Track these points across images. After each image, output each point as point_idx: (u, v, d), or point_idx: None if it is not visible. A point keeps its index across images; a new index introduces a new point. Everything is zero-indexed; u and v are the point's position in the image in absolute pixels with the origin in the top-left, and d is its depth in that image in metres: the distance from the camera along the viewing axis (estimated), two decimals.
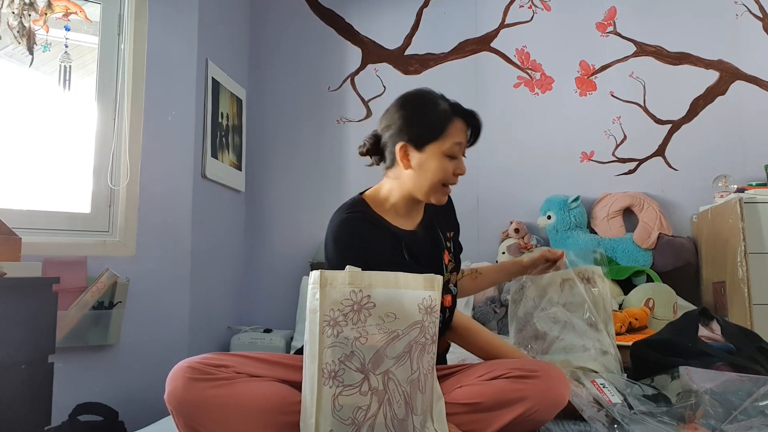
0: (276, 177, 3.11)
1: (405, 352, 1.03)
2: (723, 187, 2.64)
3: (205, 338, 2.52)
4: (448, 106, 1.30)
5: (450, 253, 1.41)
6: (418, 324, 1.04)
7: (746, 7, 2.89)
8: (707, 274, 2.64)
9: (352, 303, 1.02)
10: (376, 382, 1.00)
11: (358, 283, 1.03)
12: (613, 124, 2.95)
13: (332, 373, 0.99)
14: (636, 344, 1.60)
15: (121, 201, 2.27)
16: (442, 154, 1.27)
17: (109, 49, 2.34)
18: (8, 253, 1.68)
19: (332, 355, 1.00)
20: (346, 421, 0.98)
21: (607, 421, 1.20)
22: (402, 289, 1.06)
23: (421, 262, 1.31)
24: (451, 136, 1.27)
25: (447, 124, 1.27)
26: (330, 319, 1.01)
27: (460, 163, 1.30)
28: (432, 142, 1.27)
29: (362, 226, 1.26)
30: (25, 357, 1.58)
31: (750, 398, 1.16)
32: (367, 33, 3.14)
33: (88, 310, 2.07)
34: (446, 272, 1.36)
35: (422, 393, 1.04)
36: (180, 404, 1.08)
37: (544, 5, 3.05)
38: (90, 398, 2.02)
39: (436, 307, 1.08)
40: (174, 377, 1.11)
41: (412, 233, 1.35)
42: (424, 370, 1.05)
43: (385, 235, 1.28)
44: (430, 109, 1.28)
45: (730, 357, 1.43)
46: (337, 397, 0.99)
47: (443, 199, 1.33)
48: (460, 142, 1.28)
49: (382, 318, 1.02)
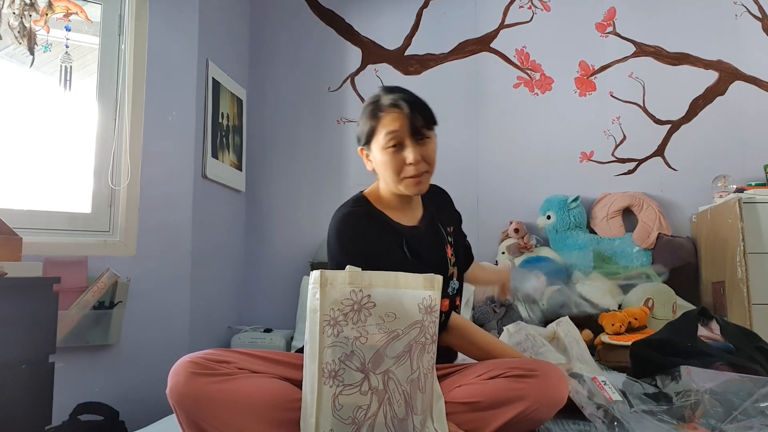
0: (276, 177, 3.11)
1: (405, 351, 1.03)
2: (722, 187, 2.65)
3: (205, 338, 2.52)
4: (383, 101, 1.30)
5: (452, 248, 1.41)
6: (418, 324, 1.05)
7: (746, 8, 2.90)
8: (706, 274, 2.65)
9: (353, 303, 1.02)
10: (377, 382, 1.01)
11: (359, 283, 1.03)
12: (613, 124, 2.95)
13: (332, 372, 1.00)
14: (635, 344, 1.61)
15: (121, 201, 2.27)
16: (381, 149, 1.28)
17: (110, 50, 2.34)
18: (9, 253, 1.69)
19: (332, 354, 1.00)
20: (346, 421, 0.99)
21: (607, 419, 1.20)
22: (402, 289, 1.06)
23: (423, 257, 1.31)
24: (382, 128, 1.28)
25: (376, 120, 1.29)
26: (330, 318, 1.01)
27: (410, 151, 1.26)
28: (371, 140, 1.30)
29: (364, 221, 1.28)
30: (26, 357, 1.58)
31: (750, 398, 1.17)
32: (367, 33, 3.15)
33: (89, 310, 2.07)
34: (450, 266, 1.37)
35: (422, 392, 1.05)
36: (182, 398, 1.09)
37: (543, 5, 3.05)
38: (91, 398, 2.02)
39: (436, 307, 1.08)
40: (176, 372, 1.11)
41: (413, 228, 1.36)
42: (424, 369, 1.05)
43: (385, 230, 1.29)
44: (365, 110, 1.33)
45: (729, 357, 1.43)
46: (338, 397, 0.99)
47: (416, 189, 1.30)
48: (393, 131, 1.26)
49: (382, 318, 1.03)
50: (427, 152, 1.29)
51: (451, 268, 1.38)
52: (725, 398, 1.18)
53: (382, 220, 1.32)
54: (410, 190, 1.30)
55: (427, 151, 1.29)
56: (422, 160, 1.28)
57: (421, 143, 1.28)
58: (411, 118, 1.26)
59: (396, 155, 1.27)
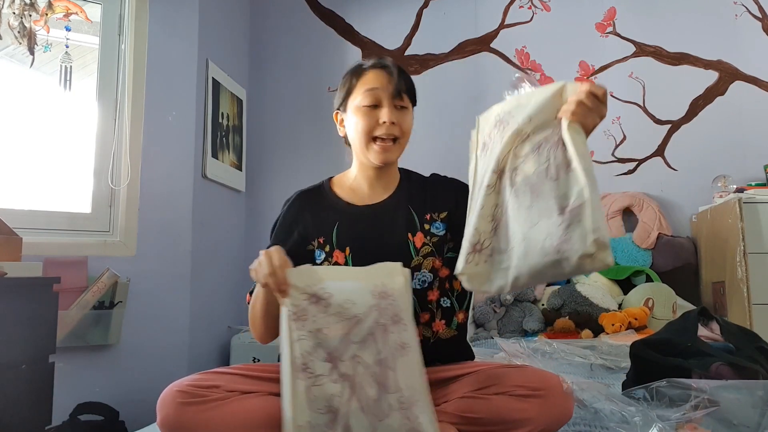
0: (276, 177, 3.11)
1: (369, 334, 1.05)
2: (722, 187, 2.65)
3: (205, 338, 2.53)
4: (366, 63, 1.29)
5: (427, 236, 1.29)
6: (375, 308, 1.07)
7: (746, 8, 2.89)
8: (707, 274, 2.65)
9: (309, 296, 1.05)
10: (345, 368, 1.02)
11: (314, 277, 1.07)
12: (613, 124, 2.95)
13: (303, 365, 1.01)
14: (635, 344, 1.60)
15: (121, 201, 2.27)
16: (357, 108, 1.26)
17: (110, 50, 2.34)
18: (9, 253, 1.69)
19: (300, 348, 1.02)
20: (322, 410, 0.99)
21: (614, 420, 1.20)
22: (351, 281, 1.09)
23: (364, 238, 1.28)
24: (361, 85, 1.26)
25: (357, 77, 1.27)
26: (293, 313, 1.04)
27: (386, 110, 1.24)
28: (348, 98, 1.29)
29: (295, 204, 1.35)
30: (26, 357, 1.59)
31: (751, 401, 1.16)
32: (367, 33, 3.15)
33: (89, 310, 2.07)
34: (416, 255, 1.27)
35: (393, 370, 1.05)
36: (174, 430, 1.06)
37: (543, 5, 3.05)
38: (90, 398, 2.02)
39: (390, 291, 1.08)
40: (164, 403, 1.08)
41: (367, 207, 1.32)
42: (391, 349, 1.06)
43: (297, 218, 1.32)
44: (347, 72, 1.31)
45: (729, 357, 1.43)
46: (311, 389, 1.00)
47: (383, 156, 1.27)
48: (373, 88, 1.24)
49: (341, 306, 1.05)
50: (403, 121, 1.27)
51: (418, 257, 1.27)
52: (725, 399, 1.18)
53: (323, 199, 1.34)
54: (377, 157, 1.26)
55: (404, 119, 1.27)
56: (397, 125, 1.25)
57: (399, 109, 1.26)
58: (393, 79, 1.25)
59: (370, 113, 1.25)
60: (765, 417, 1.14)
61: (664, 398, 1.24)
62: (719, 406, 1.15)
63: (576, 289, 2.44)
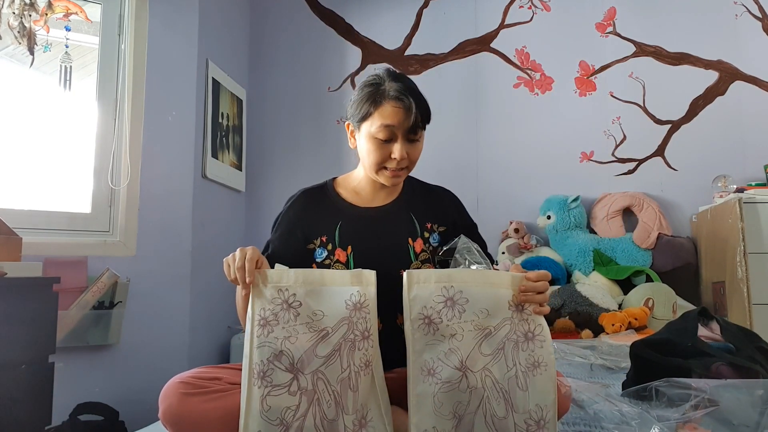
0: (276, 177, 3.11)
1: (335, 350, 1.02)
2: (722, 187, 2.65)
3: (205, 338, 2.53)
4: (387, 88, 1.25)
5: (426, 243, 1.33)
6: (345, 320, 1.04)
7: (746, 8, 2.89)
8: (707, 274, 2.65)
9: (281, 302, 1.03)
10: (305, 382, 1.00)
11: (285, 282, 1.04)
12: (613, 124, 2.95)
13: (261, 373, 0.99)
14: (635, 344, 1.60)
15: (121, 201, 2.27)
16: (371, 136, 1.25)
17: (110, 50, 2.34)
18: (9, 253, 1.69)
19: (260, 355, 1.00)
20: (274, 422, 0.98)
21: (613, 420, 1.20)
22: (327, 286, 1.06)
23: (364, 239, 1.29)
24: (379, 118, 1.23)
25: (375, 106, 1.24)
26: (261, 318, 1.02)
27: (399, 147, 1.24)
28: (363, 121, 1.27)
29: (290, 203, 1.36)
30: (26, 357, 1.58)
31: (750, 401, 1.16)
32: (367, 33, 3.15)
33: (89, 310, 2.07)
34: (415, 260, 1.31)
35: (353, 391, 1.03)
36: (177, 420, 1.06)
37: (543, 5, 3.05)
38: (90, 398, 2.02)
39: (366, 303, 1.07)
40: (167, 394, 1.08)
41: (366, 210, 1.34)
42: (356, 367, 1.04)
43: (299, 216, 1.32)
44: (365, 90, 1.28)
45: (729, 357, 1.43)
46: (266, 398, 0.98)
47: (391, 181, 1.29)
48: (389, 125, 1.23)
49: (310, 317, 1.03)
50: (414, 152, 1.28)
51: (416, 262, 1.30)
52: (725, 399, 1.18)
53: (323, 199, 1.35)
54: (386, 181, 1.29)
55: (415, 150, 1.28)
56: (407, 157, 1.26)
57: (411, 142, 1.27)
58: (410, 116, 1.23)
59: (383, 147, 1.25)
60: (765, 416, 1.14)
61: (663, 398, 1.24)
62: (719, 405, 1.15)
63: (576, 289, 2.44)
